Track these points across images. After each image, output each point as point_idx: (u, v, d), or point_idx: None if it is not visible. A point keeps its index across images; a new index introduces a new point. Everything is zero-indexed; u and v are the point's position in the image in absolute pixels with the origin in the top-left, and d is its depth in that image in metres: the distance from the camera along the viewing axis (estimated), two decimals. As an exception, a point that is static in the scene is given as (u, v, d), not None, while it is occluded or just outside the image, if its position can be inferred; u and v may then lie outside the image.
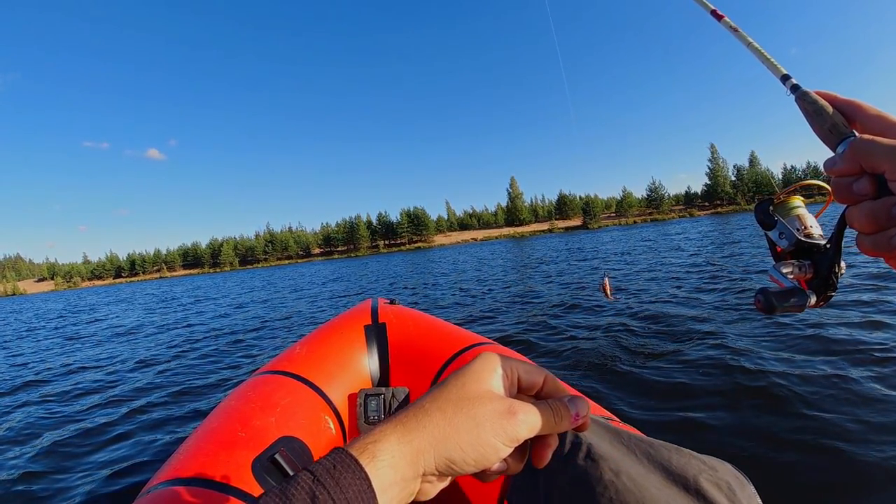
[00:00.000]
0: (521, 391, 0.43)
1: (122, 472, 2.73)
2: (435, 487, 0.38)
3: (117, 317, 14.36)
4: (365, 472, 0.33)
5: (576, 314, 5.87)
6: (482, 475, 0.40)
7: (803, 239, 0.56)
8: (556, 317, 5.81)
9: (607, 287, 1.93)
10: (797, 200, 0.61)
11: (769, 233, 0.60)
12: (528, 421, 0.38)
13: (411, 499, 0.37)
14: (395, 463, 0.34)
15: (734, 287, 6.39)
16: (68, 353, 7.76)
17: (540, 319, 5.78)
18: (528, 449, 0.42)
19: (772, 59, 0.58)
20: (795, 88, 0.52)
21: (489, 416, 0.36)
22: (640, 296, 6.68)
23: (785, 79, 0.55)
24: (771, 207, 0.61)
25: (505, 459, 0.39)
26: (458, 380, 0.39)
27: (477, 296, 9.08)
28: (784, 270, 0.54)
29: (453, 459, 0.36)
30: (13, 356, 8.10)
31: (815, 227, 0.58)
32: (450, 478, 0.39)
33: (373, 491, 0.32)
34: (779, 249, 0.59)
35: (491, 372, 0.39)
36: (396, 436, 0.35)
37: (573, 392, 0.43)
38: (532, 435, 0.38)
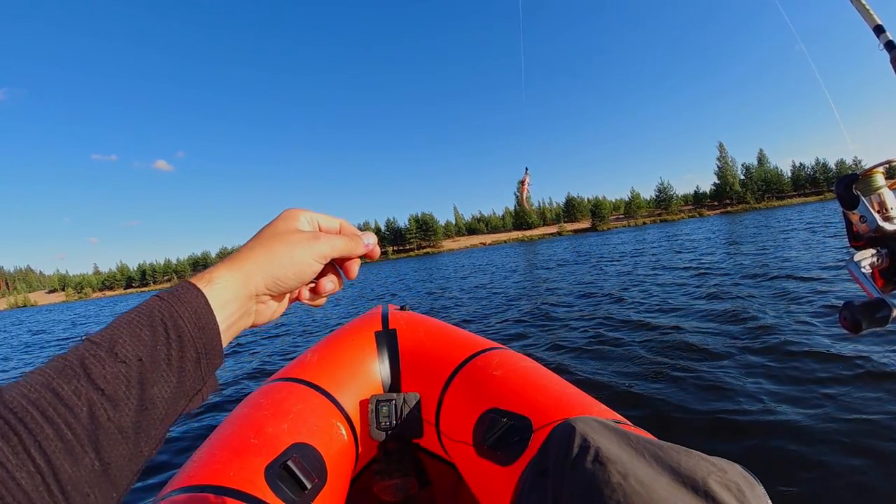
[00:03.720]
0: (322, 231, 0.51)
1: (137, 480, 2.75)
2: (269, 308, 0.47)
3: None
4: (202, 292, 0.38)
5: (593, 316, 5.85)
6: (315, 296, 0.52)
7: (882, 224, 0.52)
8: (570, 319, 5.79)
9: (525, 187, 1.44)
10: (880, 178, 0.56)
11: (850, 212, 0.56)
12: (330, 242, 0.47)
13: (251, 320, 0.45)
14: (228, 286, 0.41)
15: (748, 286, 6.34)
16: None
17: (552, 322, 5.76)
18: (340, 272, 0.53)
19: (865, 5, 0.54)
20: (891, 47, 0.48)
21: (299, 240, 0.46)
22: (660, 296, 6.64)
23: (879, 31, 0.50)
24: (855, 184, 0.56)
25: (331, 279, 0.52)
26: (269, 226, 0.47)
27: (487, 300, 9.07)
28: (862, 263, 0.51)
29: (277, 276, 0.44)
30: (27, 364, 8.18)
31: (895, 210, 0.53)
32: (285, 302, 0.50)
33: (210, 306, 0.38)
34: (855, 230, 0.56)
35: (295, 217, 0.48)
36: (226, 266, 0.42)
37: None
38: (335, 254, 0.48)
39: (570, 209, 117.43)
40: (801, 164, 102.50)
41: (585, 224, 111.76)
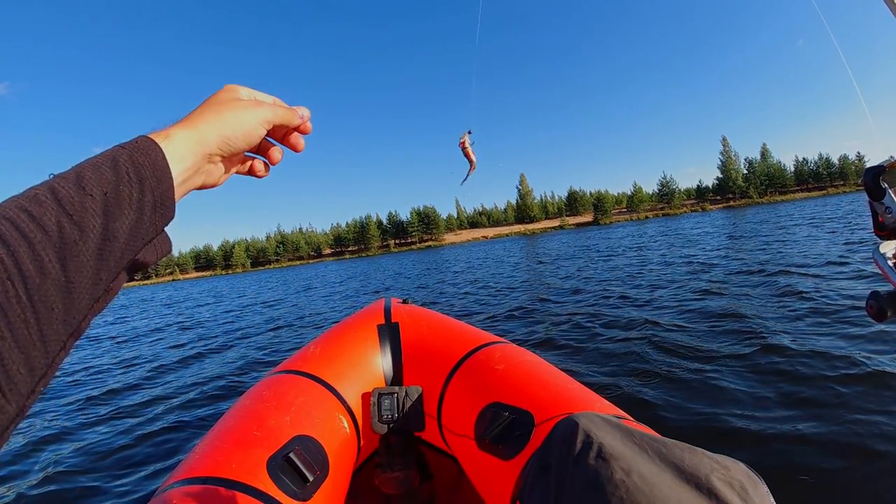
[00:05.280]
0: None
1: (139, 472, 2.78)
2: (218, 170, 0.51)
3: (136, 318, 14.58)
4: (159, 146, 0.41)
5: (593, 310, 5.85)
6: (270, 159, 0.57)
7: None
8: (573, 314, 5.79)
9: (467, 148, 1.34)
10: None
11: (876, 203, 0.57)
12: (272, 109, 0.51)
13: (202, 179, 0.49)
14: (184, 143, 0.44)
15: (766, 282, 6.33)
16: (90, 354, 7.90)
17: (555, 317, 5.77)
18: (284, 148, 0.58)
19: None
20: None
21: (245, 105, 0.49)
22: (663, 290, 6.64)
23: None
24: (882, 175, 0.57)
25: (278, 150, 0.57)
26: (214, 96, 0.50)
27: (490, 294, 9.08)
28: (887, 253, 0.51)
29: (228, 136, 0.47)
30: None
31: None
32: (232, 169, 0.54)
33: (166, 160, 0.41)
34: (881, 220, 0.56)
35: (236, 89, 0.51)
36: (182, 126, 0.45)
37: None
38: (276, 120, 0.52)
39: (573, 203, 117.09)
40: (804, 158, 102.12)
41: (588, 218, 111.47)
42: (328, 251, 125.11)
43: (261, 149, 0.57)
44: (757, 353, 3.29)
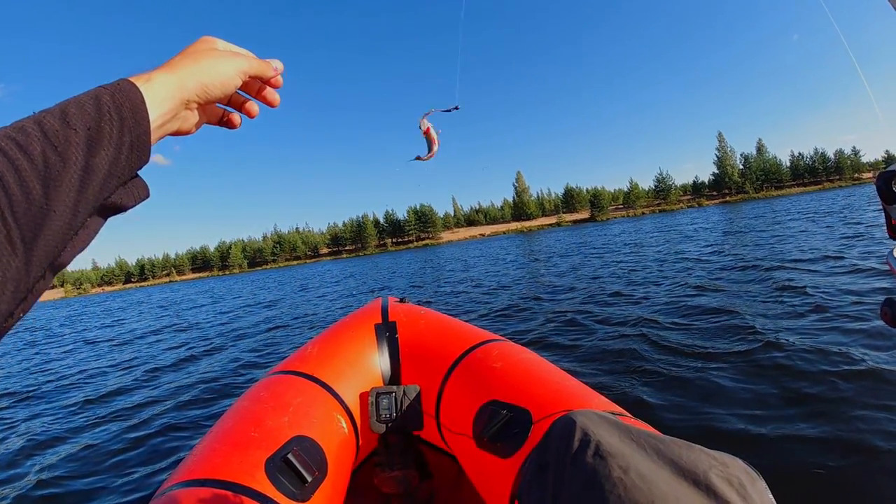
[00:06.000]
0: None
1: (138, 474, 2.77)
2: (194, 117, 0.52)
3: (132, 321, 14.53)
4: (140, 90, 0.42)
5: (591, 307, 5.86)
6: (248, 113, 0.60)
7: None
8: (569, 311, 5.80)
9: (431, 134, 1.26)
10: None
11: (889, 207, 0.57)
12: (248, 60, 0.53)
13: (178, 124, 0.50)
14: (165, 87, 0.45)
15: (763, 278, 6.34)
16: (87, 357, 7.87)
17: (551, 314, 5.77)
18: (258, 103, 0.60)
19: None
20: None
21: (222, 55, 0.51)
22: (659, 287, 6.65)
23: None
24: (894, 180, 0.57)
25: (255, 99, 0.59)
26: (191, 46, 0.51)
27: (487, 292, 9.08)
28: None
29: (206, 84, 0.48)
30: (38, 361, 8.22)
31: None
32: (206, 117, 0.56)
33: (145, 104, 0.42)
34: (893, 222, 0.57)
35: (213, 40, 0.52)
36: (163, 70, 0.46)
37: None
38: (251, 70, 0.53)
39: (569, 200, 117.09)
40: (799, 153, 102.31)
41: (584, 214, 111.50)
42: (325, 251, 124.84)
43: (232, 102, 0.59)
44: (754, 349, 3.29)
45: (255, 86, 0.58)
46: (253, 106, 0.60)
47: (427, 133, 1.23)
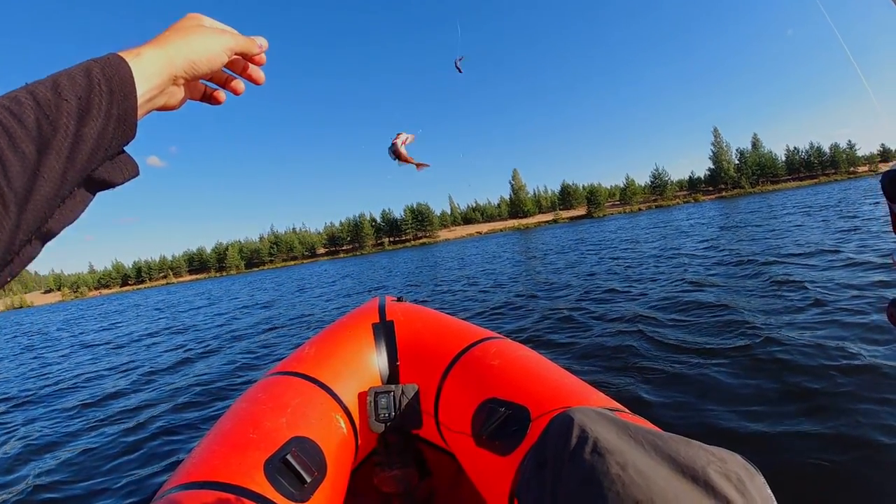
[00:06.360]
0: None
1: (136, 477, 2.76)
2: (180, 92, 0.53)
3: (129, 324, 14.49)
4: (129, 65, 0.43)
5: (588, 304, 5.86)
6: (234, 90, 0.61)
7: None
8: (566, 308, 5.80)
9: (402, 149, 1.15)
10: None
11: (893, 205, 0.57)
12: (234, 37, 0.54)
13: (165, 99, 0.51)
14: (154, 62, 0.46)
15: (760, 273, 6.36)
16: (85, 361, 7.85)
17: (550, 311, 5.77)
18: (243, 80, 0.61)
19: None
20: None
21: (210, 32, 0.51)
22: (656, 283, 6.66)
23: None
24: None
25: (238, 82, 0.60)
26: (178, 23, 0.52)
27: (484, 290, 9.08)
28: None
29: (194, 60, 0.49)
30: (36, 366, 8.19)
31: None
32: (191, 93, 0.56)
33: (133, 79, 0.43)
34: None
35: (200, 17, 0.53)
36: (152, 46, 0.47)
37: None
38: (238, 47, 0.54)
39: (566, 196, 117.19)
40: (794, 148, 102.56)
41: (581, 211, 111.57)
42: (322, 251, 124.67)
43: (215, 79, 0.60)
44: (751, 344, 3.30)
45: (239, 64, 0.59)
46: (239, 84, 0.61)
47: (403, 159, 1.18)
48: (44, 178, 0.37)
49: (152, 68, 0.46)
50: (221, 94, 0.61)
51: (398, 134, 1.20)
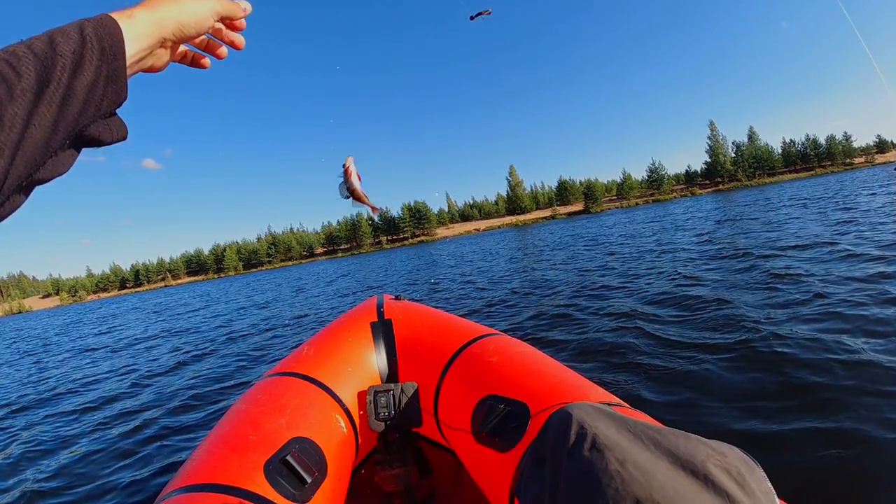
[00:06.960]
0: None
1: (137, 481, 2.76)
2: (166, 54, 0.55)
3: (128, 327, 14.46)
4: (120, 26, 0.45)
5: (585, 300, 5.87)
6: (217, 55, 0.63)
7: None
8: (565, 304, 5.81)
9: (358, 187, 0.98)
10: None
11: None
12: (220, 2, 0.55)
13: (152, 60, 0.53)
14: (145, 23, 0.48)
15: (756, 266, 6.37)
16: (84, 364, 7.83)
17: (548, 307, 5.78)
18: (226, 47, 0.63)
19: None
20: None
21: None
22: (653, 278, 6.67)
23: None
24: None
25: (224, 41, 0.62)
26: None
27: (482, 287, 9.08)
28: None
29: (183, 23, 0.51)
30: (35, 370, 8.17)
31: None
32: (176, 56, 0.59)
33: (123, 39, 0.45)
34: None
35: None
36: (144, 7, 0.49)
37: None
38: (224, 11, 0.56)
39: (563, 192, 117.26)
40: (791, 140, 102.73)
41: (578, 207, 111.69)
42: (320, 250, 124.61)
43: (198, 43, 0.62)
44: (750, 338, 3.30)
45: (219, 33, 0.61)
46: (224, 49, 0.63)
47: (357, 198, 1.02)
48: (35, 126, 0.39)
49: (143, 30, 0.47)
50: (207, 60, 0.63)
51: (346, 162, 0.97)
